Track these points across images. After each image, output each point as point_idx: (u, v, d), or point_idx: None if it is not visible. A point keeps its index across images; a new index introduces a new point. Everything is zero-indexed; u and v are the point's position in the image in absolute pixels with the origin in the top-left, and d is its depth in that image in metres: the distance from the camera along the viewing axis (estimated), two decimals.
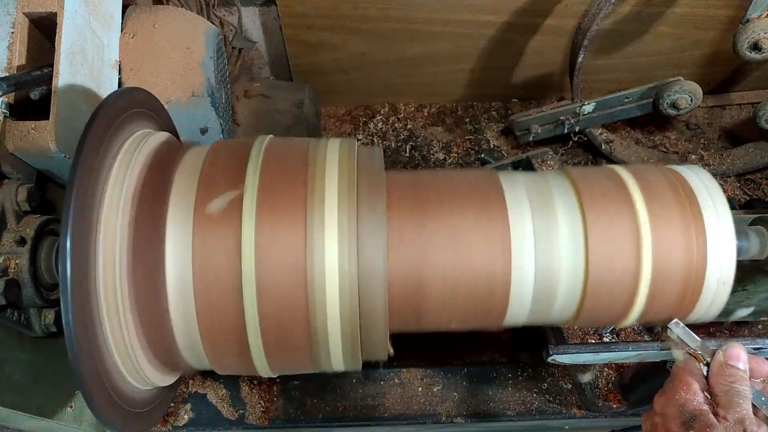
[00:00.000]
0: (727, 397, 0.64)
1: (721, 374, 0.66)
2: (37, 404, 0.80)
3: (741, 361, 0.66)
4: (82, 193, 0.59)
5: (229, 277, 0.62)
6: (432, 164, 1.35)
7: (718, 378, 0.66)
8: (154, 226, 0.63)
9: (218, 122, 0.99)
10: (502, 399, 0.99)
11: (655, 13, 1.19)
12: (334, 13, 1.21)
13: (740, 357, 0.66)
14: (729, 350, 0.67)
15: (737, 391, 0.64)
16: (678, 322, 0.72)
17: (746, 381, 0.65)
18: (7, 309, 0.73)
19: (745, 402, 0.63)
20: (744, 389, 0.64)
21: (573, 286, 0.69)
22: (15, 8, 0.78)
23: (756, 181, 1.28)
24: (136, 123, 0.72)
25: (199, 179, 0.66)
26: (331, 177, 0.66)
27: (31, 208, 0.75)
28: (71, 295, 0.56)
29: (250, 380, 1.00)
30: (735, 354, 0.66)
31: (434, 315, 0.70)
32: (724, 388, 0.64)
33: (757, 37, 0.97)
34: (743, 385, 0.64)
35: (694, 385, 0.66)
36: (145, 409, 0.72)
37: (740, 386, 0.64)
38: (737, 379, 0.65)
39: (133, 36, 0.94)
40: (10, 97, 0.75)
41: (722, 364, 0.66)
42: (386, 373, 1.00)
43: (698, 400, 0.65)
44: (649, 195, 0.70)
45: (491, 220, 0.68)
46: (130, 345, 0.64)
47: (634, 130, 1.37)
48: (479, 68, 1.33)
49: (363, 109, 1.43)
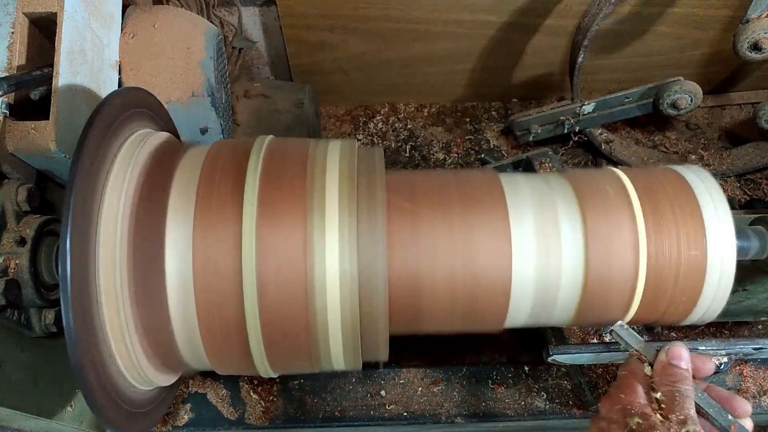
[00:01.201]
0: (670, 397, 0.63)
1: (664, 374, 0.65)
2: (37, 404, 0.80)
3: (683, 361, 0.66)
4: (82, 193, 0.59)
5: (230, 277, 0.62)
6: (432, 164, 1.34)
7: (661, 378, 0.65)
8: (154, 226, 0.63)
9: (218, 122, 0.99)
10: (502, 399, 0.98)
11: (655, 13, 1.19)
12: (334, 13, 1.21)
13: (682, 356, 0.66)
14: (671, 350, 0.66)
15: (680, 392, 0.63)
16: (622, 323, 0.72)
17: (689, 380, 0.65)
18: (7, 309, 0.73)
19: (688, 402, 0.63)
20: (686, 389, 0.64)
21: (573, 287, 0.69)
22: (15, 8, 0.78)
23: (756, 181, 1.28)
24: (136, 123, 0.72)
25: (199, 179, 0.66)
26: (332, 177, 0.66)
27: (31, 208, 0.75)
28: (71, 295, 0.56)
29: (250, 380, 1.00)
30: (677, 354, 0.66)
31: (434, 316, 0.70)
32: (667, 389, 0.64)
33: (757, 37, 0.97)
34: (686, 384, 0.64)
35: (637, 388, 0.66)
36: (146, 409, 0.72)
37: (683, 386, 0.64)
38: (680, 379, 0.64)
39: (133, 36, 0.94)
40: (10, 97, 0.75)
41: (665, 365, 0.66)
42: (386, 373, 1.00)
43: (641, 403, 0.64)
44: (649, 195, 0.71)
45: (492, 222, 0.68)
46: (130, 345, 0.64)
47: (634, 130, 1.37)
48: (479, 68, 1.33)
49: (363, 109, 1.43)
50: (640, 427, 0.61)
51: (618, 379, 0.70)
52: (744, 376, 0.97)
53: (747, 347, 0.84)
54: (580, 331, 1.05)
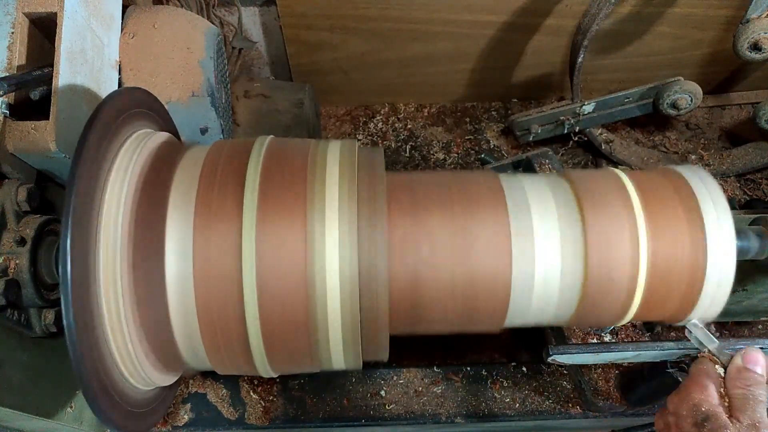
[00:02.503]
0: (743, 400, 0.63)
1: (738, 377, 0.66)
2: (37, 404, 0.80)
3: (759, 366, 0.66)
4: (82, 193, 0.59)
5: (230, 277, 0.62)
6: (432, 164, 1.34)
7: (735, 381, 0.66)
8: (154, 226, 0.63)
9: (218, 122, 0.99)
10: (502, 399, 0.99)
11: (655, 13, 1.19)
12: (334, 13, 1.21)
13: (759, 361, 0.66)
14: (747, 354, 0.66)
15: (753, 395, 0.63)
16: (696, 323, 0.72)
17: (763, 386, 0.65)
18: (7, 309, 0.73)
19: (760, 406, 0.63)
20: (760, 393, 0.64)
21: (572, 286, 0.69)
22: (15, 8, 0.78)
23: (756, 181, 1.28)
24: (137, 123, 0.72)
25: (199, 179, 0.66)
26: (332, 178, 0.66)
27: (31, 208, 0.75)
28: (72, 296, 0.56)
29: (250, 380, 1.00)
30: (753, 358, 0.66)
31: (435, 316, 0.70)
32: (740, 392, 0.64)
33: (757, 37, 0.97)
34: (760, 389, 0.64)
35: (709, 387, 0.66)
36: (146, 408, 0.72)
37: (756, 390, 0.64)
38: (754, 383, 0.64)
39: (133, 36, 0.94)
40: (10, 97, 0.75)
41: (740, 368, 0.66)
42: (387, 373, 1.00)
43: (712, 402, 0.65)
44: (649, 196, 0.71)
45: (491, 222, 0.68)
46: (130, 345, 0.64)
47: (634, 130, 1.37)
48: (479, 68, 1.33)
49: (363, 109, 1.43)
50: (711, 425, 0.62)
51: (689, 376, 0.69)
52: None
53: None
54: (580, 331, 1.05)
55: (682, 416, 0.65)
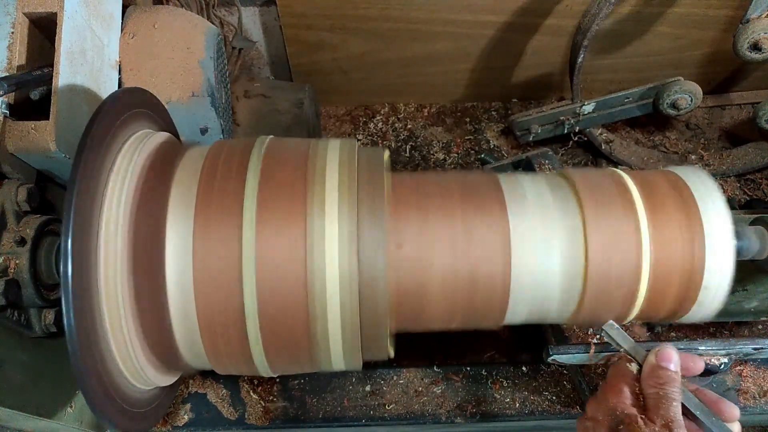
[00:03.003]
0: (656, 399, 0.63)
1: (652, 376, 0.65)
2: (37, 404, 0.80)
3: (672, 363, 0.66)
4: (82, 193, 0.59)
5: (230, 277, 0.62)
6: (432, 164, 1.34)
7: (649, 380, 0.65)
8: (154, 226, 0.63)
9: (218, 122, 0.99)
10: (502, 399, 0.99)
11: (655, 13, 1.19)
12: (334, 13, 1.21)
13: (671, 358, 0.66)
14: (660, 352, 0.66)
15: (666, 394, 0.63)
16: (612, 323, 0.71)
17: (676, 383, 0.64)
18: (7, 309, 0.73)
19: (674, 405, 0.63)
20: (673, 391, 0.64)
21: (572, 285, 0.69)
22: (15, 8, 0.78)
23: (756, 181, 1.28)
24: (137, 123, 0.72)
25: (199, 179, 0.66)
26: (332, 177, 0.66)
27: (31, 208, 0.75)
28: (72, 296, 0.56)
29: (250, 380, 1.00)
30: (666, 356, 0.66)
31: (435, 314, 0.70)
32: (654, 391, 0.64)
33: (757, 37, 0.97)
34: (673, 387, 0.64)
35: (624, 389, 0.66)
36: (146, 408, 0.72)
37: (669, 388, 0.64)
38: (667, 382, 0.64)
39: (133, 36, 0.94)
40: (10, 97, 0.75)
41: (653, 367, 0.66)
42: (387, 372, 1.00)
43: (627, 405, 0.64)
44: (648, 195, 0.71)
45: (491, 221, 0.68)
46: (130, 345, 0.64)
47: (634, 130, 1.37)
48: (479, 68, 1.33)
49: (363, 109, 1.43)
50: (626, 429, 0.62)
51: (606, 379, 0.70)
52: (744, 376, 0.97)
53: (747, 347, 0.84)
54: (580, 331, 1.05)
55: (599, 421, 0.65)
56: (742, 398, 0.96)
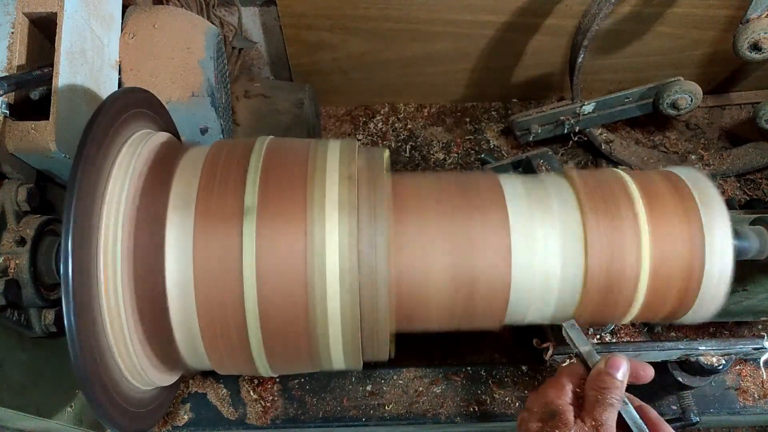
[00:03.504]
0: (593, 402, 0.64)
1: (596, 380, 0.66)
2: (37, 404, 0.80)
3: (619, 372, 0.66)
4: (82, 193, 0.59)
5: (230, 277, 0.62)
6: (432, 164, 1.34)
7: (592, 383, 0.66)
8: (154, 226, 0.63)
9: (218, 122, 0.99)
10: (502, 399, 0.99)
11: (655, 13, 1.19)
12: (334, 13, 1.21)
13: (619, 367, 0.66)
14: (610, 359, 0.66)
15: (605, 398, 0.64)
16: (573, 323, 0.72)
17: (618, 391, 0.65)
18: (7, 309, 0.73)
19: (609, 410, 0.63)
20: (612, 398, 0.64)
21: (573, 285, 0.69)
22: (15, 8, 0.78)
23: (756, 181, 1.28)
24: (137, 123, 0.72)
25: (199, 179, 0.66)
26: (332, 177, 0.66)
27: (31, 208, 0.75)
28: (72, 296, 0.56)
29: (250, 380, 1.00)
30: (615, 364, 0.66)
31: (435, 314, 0.70)
32: (593, 393, 0.64)
33: (757, 37, 0.97)
34: (614, 393, 0.64)
35: (566, 386, 0.67)
36: (146, 408, 0.72)
37: (609, 395, 0.64)
38: (609, 387, 0.64)
39: (133, 36, 0.94)
40: (10, 97, 0.75)
41: (600, 371, 0.66)
42: (386, 372, 1.00)
43: (564, 401, 0.65)
44: (648, 196, 0.71)
45: (491, 221, 0.68)
46: (130, 345, 0.64)
47: (634, 130, 1.37)
48: (479, 68, 1.33)
49: (363, 109, 1.43)
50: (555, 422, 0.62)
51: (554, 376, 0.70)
52: (744, 376, 0.97)
53: (747, 347, 0.84)
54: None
55: (533, 413, 0.66)
56: (742, 398, 0.96)
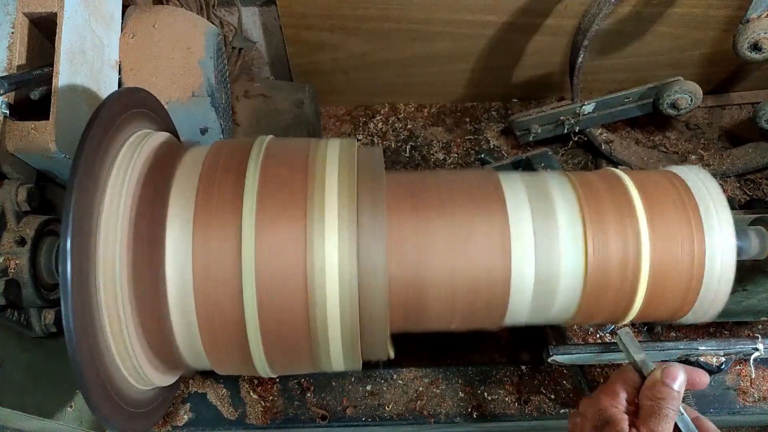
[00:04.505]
0: (649, 412, 0.63)
1: (652, 389, 0.65)
2: (37, 404, 0.80)
3: (676, 382, 0.65)
4: (82, 193, 0.59)
5: (230, 277, 0.62)
6: (432, 164, 1.34)
7: (647, 392, 0.65)
8: (154, 226, 0.63)
9: (218, 122, 0.99)
10: (502, 399, 0.99)
11: (655, 13, 1.19)
12: (334, 13, 1.21)
13: (677, 378, 0.66)
14: (667, 369, 0.66)
15: (660, 409, 0.63)
16: (628, 331, 0.72)
17: (675, 402, 0.64)
18: (7, 309, 0.73)
19: (665, 421, 0.62)
20: (669, 410, 0.63)
21: (573, 285, 0.69)
22: (15, 8, 0.78)
23: (756, 181, 1.28)
24: (137, 123, 0.72)
25: (199, 179, 0.66)
26: (331, 177, 0.66)
27: (31, 208, 0.75)
28: (72, 296, 0.56)
29: (250, 380, 1.00)
30: (672, 374, 0.66)
31: (435, 315, 0.70)
32: (649, 403, 0.64)
33: (757, 37, 0.97)
34: (670, 404, 0.64)
35: (620, 394, 0.66)
36: (146, 409, 0.72)
37: (666, 405, 0.63)
38: (665, 398, 0.64)
39: (133, 36, 0.94)
40: (10, 97, 0.75)
41: (656, 381, 0.66)
42: (386, 372, 1.00)
43: (618, 409, 0.65)
44: (649, 195, 0.71)
45: (491, 220, 0.68)
46: (130, 345, 0.64)
47: (634, 130, 1.37)
48: (479, 68, 1.33)
49: (363, 109, 1.42)
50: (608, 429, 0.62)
51: (608, 382, 0.70)
52: (744, 376, 0.97)
53: (747, 347, 0.84)
54: (581, 331, 1.05)
55: (587, 418, 0.65)
56: (742, 398, 0.96)
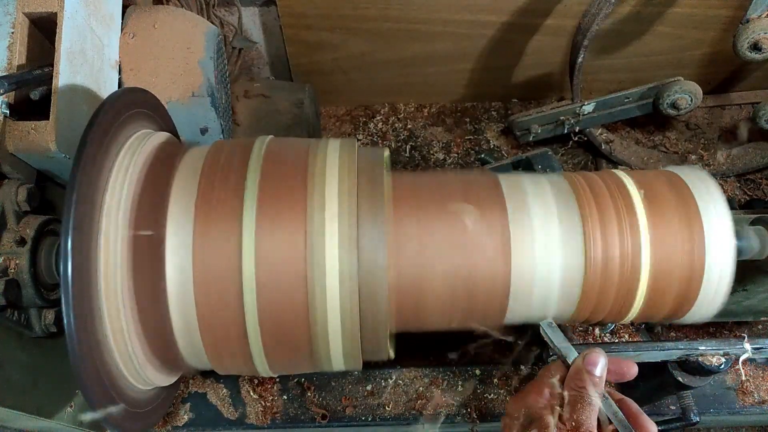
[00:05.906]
0: (573, 402, 0.63)
1: (574, 379, 0.65)
2: (37, 404, 0.80)
3: (597, 368, 0.65)
4: (82, 193, 0.59)
5: (230, 277, 0.62)
6: (432, 164, 1.34)
7: (570, 382, 0.65)
8: (154, 226, 0.63)
9: (218, 122, 0.99)
10: (502, 399, 0.99)
11: (655, 13, 1.19)
12: (334, 13, 1.21)
13: (597, 363, 0.65)
14: (588, 356, 0.66)
15: (583, 398, 0.63)
16: (551, 322, 0.71)
17: (597, 388, 0.64)
18: (7, 309, 0.73)
19: (588, 408, 0.62)
20: (592, 396, 0.63)
21: (572, 285, 0.69)
22: (15, 8, 0.78)
23: (756, 181, 1.28)
24: (137, 123, 0.72)
25: (199, 179, 0.66)
26: (332, 177, 0.66)
27: (31, 208, 0.75)
28: (72, 296, 0.56)
29: (250, 380, 1.00)
30: (593, 360, 0.65)
31: (434, 314, 0.70)
32: (573, 393, 0.64)
33: (757, 37, 0.97)
34: (592, 391, 0.63)
35: (544, 389, 0.66)
36: (146, 409, 0.72)
37: (588, 392, 0.63)
38: (587, 385, 0.64)
39: (133, 36, 0.94)
40: (10, 97, 0.75)
41: (578, 369, 0.65)
42: (387, 372, 1.00)
43: (543, 404, 0.64)
44: (648, 195, 0.71)
45: (491, 220, 0.68)
46: (130, 345, 0.64)
47: (634, 130, 1.37)
48: (479, 68, 1.33)
49: (363, 109, 1.43)
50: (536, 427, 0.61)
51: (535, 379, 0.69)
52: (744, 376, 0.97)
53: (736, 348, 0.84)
54: (581, 331, 1.05)
55: (515, 418, 0.65)
56: (742, 398, 0.96)
